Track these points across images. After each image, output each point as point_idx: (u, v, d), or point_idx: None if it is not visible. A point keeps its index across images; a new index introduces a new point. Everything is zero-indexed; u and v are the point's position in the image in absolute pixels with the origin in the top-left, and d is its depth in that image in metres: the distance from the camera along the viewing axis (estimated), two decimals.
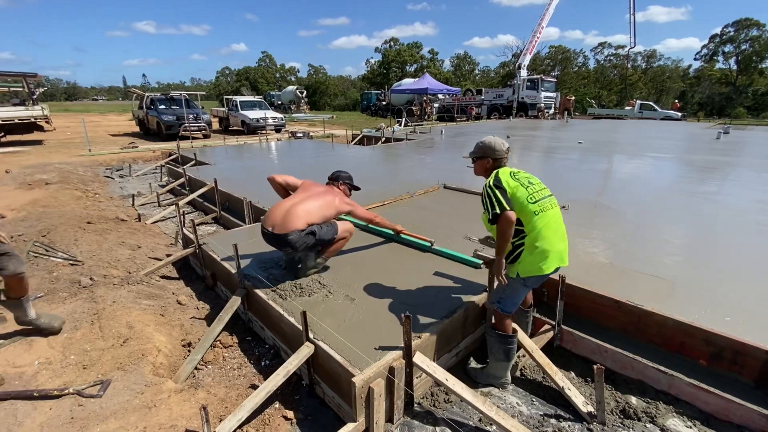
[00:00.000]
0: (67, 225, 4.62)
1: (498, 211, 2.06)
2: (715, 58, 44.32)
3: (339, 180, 3.17)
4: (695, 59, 47.33)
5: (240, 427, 1.99)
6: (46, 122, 12.79)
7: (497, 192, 2.11)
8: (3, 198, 6.06)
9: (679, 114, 24.32)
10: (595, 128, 17.06)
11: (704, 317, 2.33)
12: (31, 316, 2.49)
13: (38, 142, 13.44)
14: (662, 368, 2.21)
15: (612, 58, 50.10)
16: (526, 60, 25.18)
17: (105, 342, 2.53)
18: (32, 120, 12.51)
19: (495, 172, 2.25)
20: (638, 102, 25.43)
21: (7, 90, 14.72)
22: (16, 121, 12.30)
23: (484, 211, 2.18)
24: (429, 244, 3.37)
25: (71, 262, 3.59)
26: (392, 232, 3.58)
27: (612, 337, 2.45)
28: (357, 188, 3.37)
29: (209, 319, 3.06)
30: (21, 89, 13.97)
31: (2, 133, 12.51)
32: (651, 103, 25.97)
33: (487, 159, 2.34)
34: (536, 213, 2.13)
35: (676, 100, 30.12)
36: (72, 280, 3.29)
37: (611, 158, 8.92)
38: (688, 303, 2.55)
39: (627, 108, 25.78)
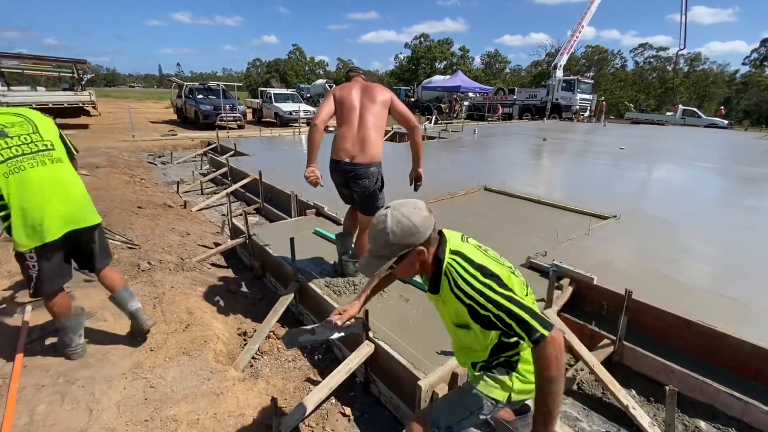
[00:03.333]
0: (121, 209, 4.82)
1: (544, 330, 1.07)
2: (766, 63, 41.88)
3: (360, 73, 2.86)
4: (743, 64, 44.93)
5: (303, 420, 2.03)
6: (93, 107, 13.36)
7: (506, 290, 1.17)
8: None
9: (725, 122, 23.08)
10: (635, 134, 16.44)
11: None
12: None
13: (85, 126, 14.05)
14: (736, 394, 2.10)
15: (652, 60, 48.12)
16: (562, 60, 24.41)
17: (168, 326, 2.63)
18: (80, 105, 13.09)
19: (453, 250, 1.28)
20: (681, 107, 24.25)
21: (58, 75, 15.46)
22: (66, 105, 12.90)
23: (465, 328, 1.32)
24: None
25: (129, 245, 3.74)
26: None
27: (677, 357, 2.35)
28: None
29: (260, 309, 3.13)
30: (70, 75, 14.63)
31: (53, 117, 13.15)
32: (694, 108, 24.71)
33: (414, 248, 1.23)
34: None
35: (722, 107, 28.53)
36: (131, 263, 3.43)
37: (659, 167, 8.58)
38: (765, 327, 2.42)
39: (668, 113, 24.66)
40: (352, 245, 2.99)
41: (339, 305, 2.53)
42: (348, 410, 2.19)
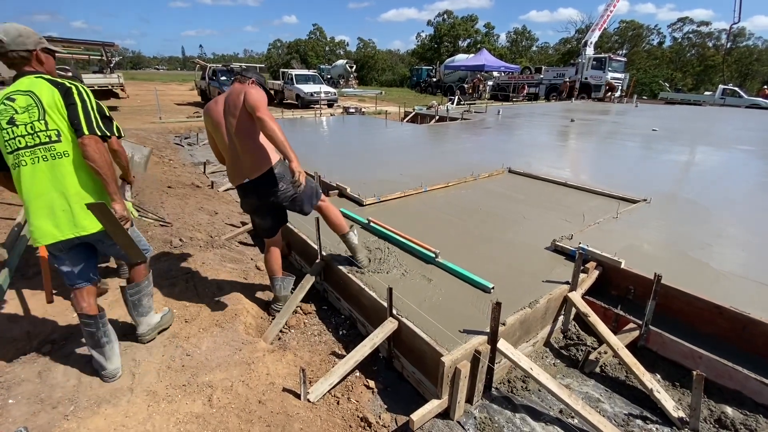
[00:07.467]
0: (152, 188, 5.00)
1: None
2: None
3: (248, 78, 2.36)
4: None
5: (329, 391, 2.12)
6: (122, 90, 13.71)
7: None
8: None
9: None
10: (669, 115, 15.65)
11: None
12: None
13: (113, 108, 14.45)
14: (767, 381, 2.06)
15: (691, 35, 45.20)
16: (594, 36, 23.19)
17: (200, 299, 2.76)
18: (109, 87, 13.45)
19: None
20: (721, 87, 22.78)
21: (87, 58, 15.88)
22: (96, 87, 13.27)
23: None
24: (433, 255, 2.89)
25: (161, 223, 3.90)
26: (397, 237, 3.14)
27: (706, 344, 2.31)
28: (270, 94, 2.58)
29: None
30: (99, 57, 15.00)
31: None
32: (735, 88, 23.17)
33: None
34: (14, 166, 1.78)
35: (765, 86, 26.61)
36: (164, 240, 3.58)
37: (694, 149, 8.18)
38: None
39: (706, 93, 23.24)
40: (289, 287, 2.83)
41: (363, 283, 2.60)
42: (372, 383, 2.27)
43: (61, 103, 1.76)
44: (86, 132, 1.76)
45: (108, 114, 1.99)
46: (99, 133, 1.81)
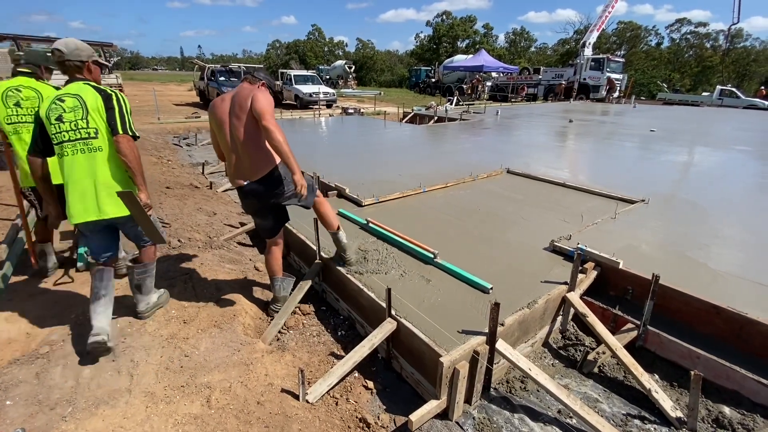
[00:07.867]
0: (151, 189, 4.96)
1: None
2: None
3: (259, 80, 2.34)
4: None
5: (328, 391, 2.12)
6: (120, 90, 13.65)
7: None
8: None
9: (767, 102, 21.64)
10: (667, 115, 15.69)
11: None
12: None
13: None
14: (765, 381, 2.07)
15: (689, 36, 45.29)
16: (592, 37, 23.24)
17: (199, 300, 2.76)
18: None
19: None
20: (718, 88, 22.86)
21: None
22: None
23: None
24: (432, 256, 2.89)
25: (161, 224, 3.89)
26: (396, 237, 3.15)
27: (704, 344, 2.32)
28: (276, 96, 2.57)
29: None
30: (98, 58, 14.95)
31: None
32: (733, 89, 23.23)
33: None
34: (59, 156, 2.12)
35: (762, 87, 26.69)
36: None
37: (692, 150, 8.21)
38: None
39: (704, 94, 23.30)
40: (289, 288, 2.82)
41: (361, 284, 2.60)
42: (370, 384, 2.27)
43: (102, 107, 2.09)
44: (120, 131, 2.11)
45: None
46: (131, 133, 2.17)
